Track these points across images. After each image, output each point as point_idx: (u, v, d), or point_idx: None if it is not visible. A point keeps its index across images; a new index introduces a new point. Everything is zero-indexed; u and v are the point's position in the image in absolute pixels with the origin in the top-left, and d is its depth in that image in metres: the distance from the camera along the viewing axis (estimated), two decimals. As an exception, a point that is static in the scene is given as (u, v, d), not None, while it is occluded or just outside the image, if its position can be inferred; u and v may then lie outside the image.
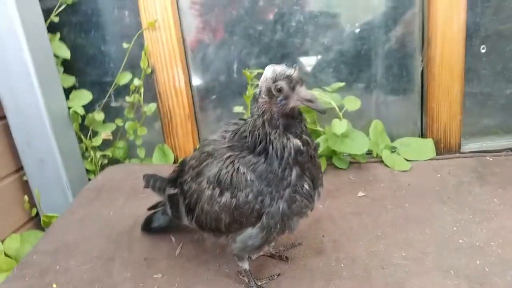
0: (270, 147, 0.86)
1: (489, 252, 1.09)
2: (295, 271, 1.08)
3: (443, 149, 1.70)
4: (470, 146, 1.72)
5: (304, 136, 0.89)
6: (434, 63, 1.62)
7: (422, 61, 1.68)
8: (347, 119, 1.55)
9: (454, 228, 1.20)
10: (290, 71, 0.84)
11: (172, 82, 1.71)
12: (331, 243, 1.17)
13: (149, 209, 1.28)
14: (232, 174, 0.88)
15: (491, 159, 1.58)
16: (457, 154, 1.67)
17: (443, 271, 1.03)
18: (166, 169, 1.66)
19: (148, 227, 1.27)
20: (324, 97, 1.49)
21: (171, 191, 1.09)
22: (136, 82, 1.67)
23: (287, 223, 0.91)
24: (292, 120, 0.87)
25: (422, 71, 1.69)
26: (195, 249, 1.19)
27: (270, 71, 0.85)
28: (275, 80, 0.84)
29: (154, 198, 1.39)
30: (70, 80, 1.70)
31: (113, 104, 1.79)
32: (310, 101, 0.83)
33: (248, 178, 0.87)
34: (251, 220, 0.89)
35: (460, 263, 1.05)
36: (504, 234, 1.15)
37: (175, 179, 1.08)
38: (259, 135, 0.87)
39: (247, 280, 1.03)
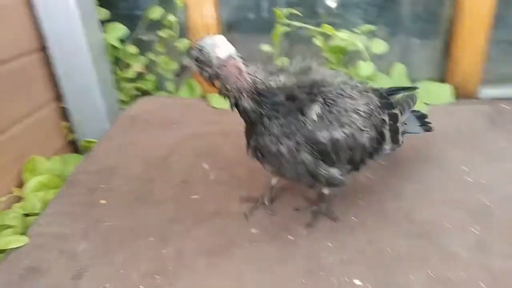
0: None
1: (494, 189, 1.18)
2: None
3: (462, 95, 1.75)
4: (488, 92, 1.77)
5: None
6: (463, 7, 1.62)
7: (450, 5, 1.68)
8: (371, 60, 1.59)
9: (462, 167, 1.29)
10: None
11: (202, 18, 1.74)
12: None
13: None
14: None
15: (507, 106, 1.63)
16: (474, 100, 1.72)
17: (446, 204, 1.13)
18: (194, 103, 1.76)
19: None
20: (352, 39, 1.52)
21: None
22: (171, 18, 1.71)
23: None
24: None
25: (450, 15, 1.69)
26: (227, 175, 1.31)
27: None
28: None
29: (186, 129, 1.51)
30: (105, 13, 1.74)
31: (144, 37, 1.84)
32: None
33: None
34: None
35: (464, 198, 1.15)
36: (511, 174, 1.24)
37: None
38: None
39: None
